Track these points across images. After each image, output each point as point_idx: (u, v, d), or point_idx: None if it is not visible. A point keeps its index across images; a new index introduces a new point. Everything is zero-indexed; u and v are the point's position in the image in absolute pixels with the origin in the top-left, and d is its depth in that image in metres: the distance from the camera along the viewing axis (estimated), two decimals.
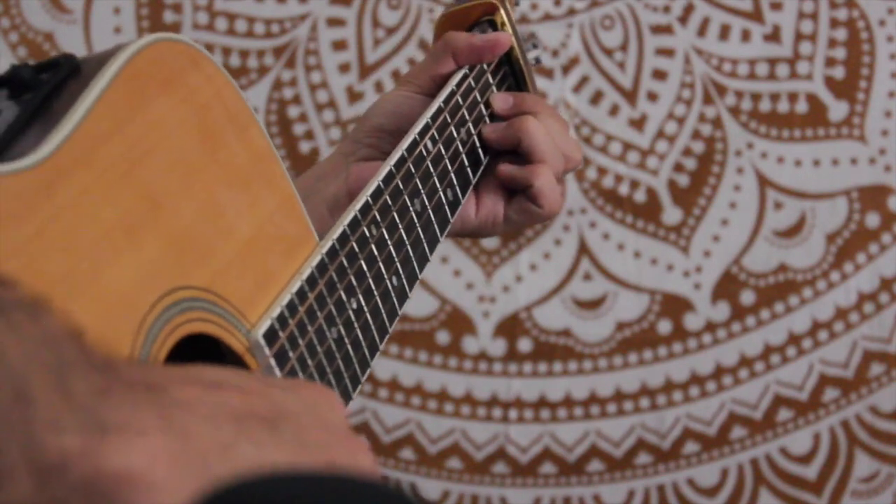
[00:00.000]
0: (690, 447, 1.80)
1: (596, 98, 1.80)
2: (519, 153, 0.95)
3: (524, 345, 1.81)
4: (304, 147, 1.80)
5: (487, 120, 0.98)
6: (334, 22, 1.80)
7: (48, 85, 0.58)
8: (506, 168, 0.94)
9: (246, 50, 1.80)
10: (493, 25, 1.01)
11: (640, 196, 1.80)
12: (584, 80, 1.80)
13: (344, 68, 1.81)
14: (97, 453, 0.43)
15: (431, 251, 0.86)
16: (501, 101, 0.98)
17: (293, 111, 1.80)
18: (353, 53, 1.81)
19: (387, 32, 1.81)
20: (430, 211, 0.86)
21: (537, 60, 1.08)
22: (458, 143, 0.92)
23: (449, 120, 0.91)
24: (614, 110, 1.81)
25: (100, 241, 0.55)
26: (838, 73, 1.79)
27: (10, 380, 0.43)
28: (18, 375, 0.43)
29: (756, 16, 1.80)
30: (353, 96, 1.80)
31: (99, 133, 0.57)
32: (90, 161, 0.56)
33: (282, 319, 0.66)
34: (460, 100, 0.94)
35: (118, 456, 0.43)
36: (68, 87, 0.59)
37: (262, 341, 0.65)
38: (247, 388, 0.51)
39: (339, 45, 1.81)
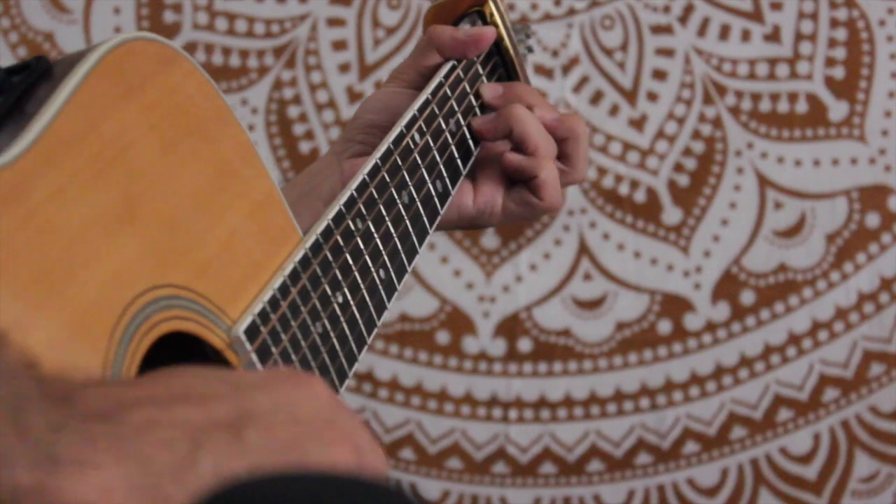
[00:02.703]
0: (690, 447, 1.80)
1: (596, 98, 1.80)
2: (512, 141, 0.94)
3: (524, 345, 1.81)
4: (304, 147, 1.80)
5: (478, 111, 0.97)
6: (334, 22, 1.81)
7: (20, 87, 0.58)
8: (512, 157, 0.93)
9: (246, 50, 1.80)
10: (483, 17, 1.00)
11: (640, 196, 1.80)
12: (584, 80, 1.80)
13: (344, 68, 1.81)
14: (50, 489, 0.43)
15: (421, 243, 0.86)
16: (491, 90, 0.97)
17: (293, 111, 1.81)
18: (353, 53, 1.81)
19: (387, 32, 1.81)
20: (418, 203, 0.86)
21: (530, 49, 1.07)
22: (447, 134, 0.92)
23: (437, 111, 0.91)
24: (614, 110, 1.81)
25: (75, 241, 0.55)
26: (838, 73, 1.79)
27: None
28: None
29: (756, 16, 1.80)
30: (353, 96, 1.80)
31: (71, 133, 0.57)
32: (63, 161, 0.56)
33: (263, 315, 0.66)
34: (448, 91, 0.93)
35: (72, 491, 0.43)
36: (40, 89, 0.58)
37: (243, 337, 0.64)
38: (210, 394, 0.50)
39: (339, 45, 1.81)
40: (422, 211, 0.86)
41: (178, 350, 0.63)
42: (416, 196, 0.86)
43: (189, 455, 0.46)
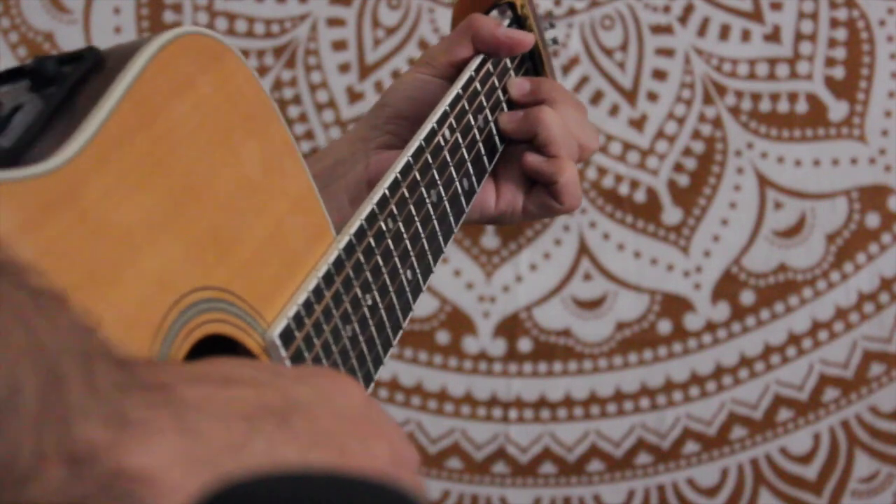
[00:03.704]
0: (690, 447, 1.80)
1: (596, 98, 1.80)
2: (535, 144, 0.93)
3: (524, 345, 1.81)
4: (304, 147, 1.80)
5: (505, 106, 0.96)
6: (334, 22, 1.80)
7: (71, 78, 0.57)
8: (533, 160, 0.93)
9: (246, 50, 1.79)
10: (513, 8, 0.99)
11: (640, 196, 1.80)
12: (584, 80, 1.80)
13: (344, 68, 1.80)
14: (120, 449, 0.43)
15: (446, 243, 0.84)
16: (518, 87, 0.96)
17: (293, 111, 1.80)
18: (353, 53, 1.80)
19: (387, 32, 1.80)
20: (446, 202, 0.85)
21: (555, 41, 1.06)
22: (476, 130, 0.91)
23: (467, 107, 0.90)
24: (614, 110, 1.80)
25: (121, 242, 0.55)
26: (838, 73, 1.79)
27: (45, 363, 0.42)
28: (53, 358, 0.43)
29: (756, 16, 1.80)
30: (353, 96, 1.80)
31: (123, 131, 0.56)
32: (113, 161, 0.55)
33: (298, 319, 0.66)
34: (479, 86, 0.92)
35: (139, 454, 0.43)
36: (92, 82, 0.58)
37: (278, 341, 0.64)
38: (259, 380, 0.51)
39: (339, 45, 1.80)
40: (449, 210, 0.85)
41: (214, 352, 0.63)
42: (444, 195, 0.84)
43: (245, 435, 0.47)
